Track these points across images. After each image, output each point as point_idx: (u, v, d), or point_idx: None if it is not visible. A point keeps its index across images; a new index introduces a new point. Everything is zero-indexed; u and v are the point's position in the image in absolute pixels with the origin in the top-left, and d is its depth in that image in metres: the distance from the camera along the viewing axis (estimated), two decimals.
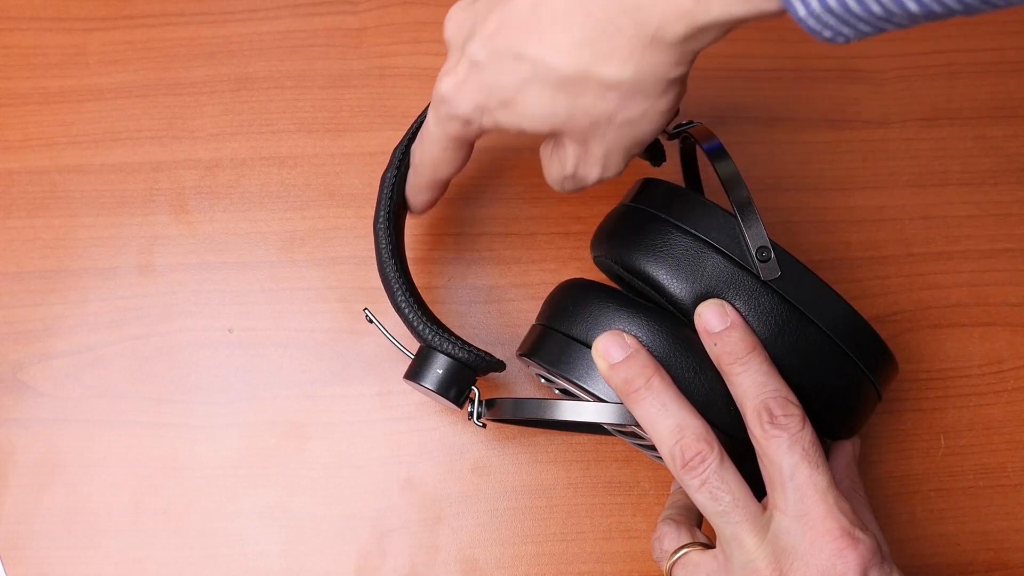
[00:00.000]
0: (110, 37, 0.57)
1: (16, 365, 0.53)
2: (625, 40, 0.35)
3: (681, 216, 0.42)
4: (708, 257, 0.41)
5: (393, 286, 0.45)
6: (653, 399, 0.39)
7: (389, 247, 0.45)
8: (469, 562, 0.51)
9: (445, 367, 0.45)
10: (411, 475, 0.52)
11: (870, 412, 0.44)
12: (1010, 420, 0.53)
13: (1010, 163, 0.56)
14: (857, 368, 0.41)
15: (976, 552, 0.51)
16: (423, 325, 0.45)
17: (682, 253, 0.41)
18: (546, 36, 0.36)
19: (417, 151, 0.45)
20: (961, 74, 0.57)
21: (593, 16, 0.35)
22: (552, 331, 0.44)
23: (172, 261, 0.54)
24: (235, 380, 0.53)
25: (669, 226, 0.42)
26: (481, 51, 0.38)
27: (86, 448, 0.52)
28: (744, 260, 0.41)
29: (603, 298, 0.42)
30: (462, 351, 0.44)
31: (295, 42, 0.57)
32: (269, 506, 0.52)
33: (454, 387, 0.45)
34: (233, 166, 0.55)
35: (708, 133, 0.44)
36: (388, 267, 0.45)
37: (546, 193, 0.55)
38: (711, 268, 0.41)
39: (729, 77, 0.57)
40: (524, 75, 0.37)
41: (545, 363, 0.43)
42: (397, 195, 0.46)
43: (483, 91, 0.39)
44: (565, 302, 0.44)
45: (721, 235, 0.41)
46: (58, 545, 0.51)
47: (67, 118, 0.56)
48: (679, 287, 0.41)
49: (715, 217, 0.41)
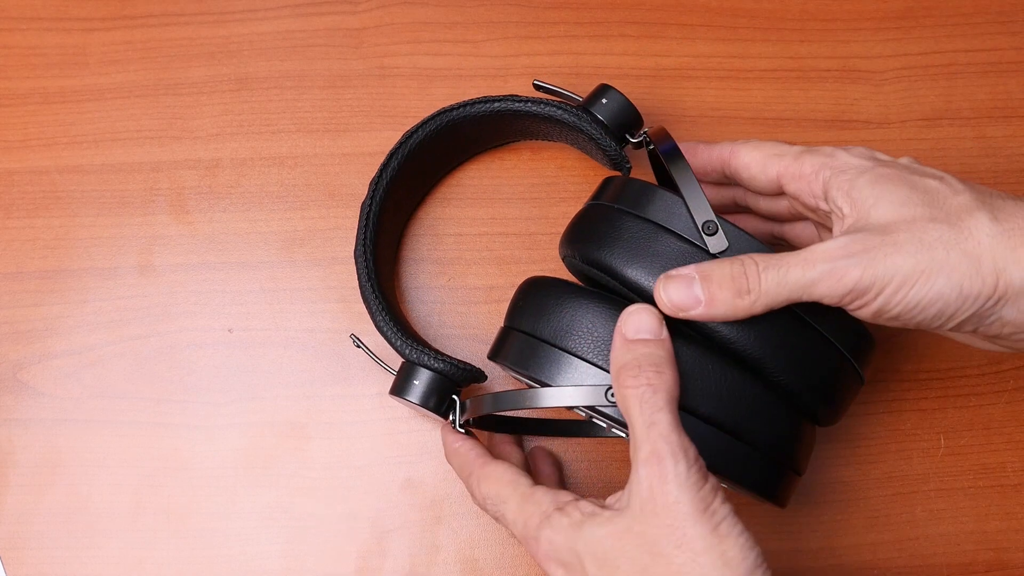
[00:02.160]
0: (110, 37, 0.57)
1: (16, 365, 0.53)
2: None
3: (629, 202, 0.43)
4: (658, 237, 0.41)
5: (373, 307, 0.48)
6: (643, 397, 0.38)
7: (366, 272, 0.48)
8: (469, 562, 0.51)
9: (425, 380, 0.46)
10: (411, 475, 0.52)
11: (853, 395, 0.44)
12: (1010, 420, 0.53)
13: (1010, 163, 0.56)
14: (833, 347, 0.41)
15: (976, 552, 0.51)
16: (401, 341, 0.47)
17: (631, 236, 0.42)
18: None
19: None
20: (961, 74, 0.57)
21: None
22: (513, 331, 0.44)
23: (172, 261, 0.54)
24: (235, 380, 0.53)
25: (620, 214, 0.43)
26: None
27: (86, 448, 0.52)
28: (693, 237, 0.41)
29: (556, 291, 0.42)
30: (439, 363, 0.46)
31: (295, 42, 0.57)
32: (269, 506, 0.52)
33: (434, 397, 0.47)
34: (233, 166, 0.55)
35: (662, 134, 0.45)
36: (367, 290, 0.48)
37: (546, 193, 0.55)
38: (661, 247, 0.41)
39: (729, 77, 0.57)
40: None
41: (509, 363, 0.44)
42: (373, 223, 0.49)
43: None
44: (522, 300, 0.44)
45: (668, 215, 0.41)
46: (58, 545, 0.51)
47: (67, 118, 0.56)
48: (631, 268, 0.41)
49: (661, 199, 0.42)
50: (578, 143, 0.52)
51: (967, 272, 0.37)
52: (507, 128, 0.52)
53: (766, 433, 0.41)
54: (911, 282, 0.37)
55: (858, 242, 0.38)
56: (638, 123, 0.49)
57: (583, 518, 0.38)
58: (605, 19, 0.57)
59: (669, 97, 0.56)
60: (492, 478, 0.43)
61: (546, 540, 0.39)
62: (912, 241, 0.37)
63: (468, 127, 0.51)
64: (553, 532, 0.39)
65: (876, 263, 0.37)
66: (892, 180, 0.39)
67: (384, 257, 0.51)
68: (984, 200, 0.39)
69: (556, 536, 0.39)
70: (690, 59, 0.57)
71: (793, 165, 0.43)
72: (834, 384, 0.42)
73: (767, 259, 0.39)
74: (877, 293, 0.37)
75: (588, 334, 0.41)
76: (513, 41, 0.57)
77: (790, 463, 0.42)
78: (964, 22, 0.58)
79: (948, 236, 0.37)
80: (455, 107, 0.50)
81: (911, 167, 0.41)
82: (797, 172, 0.42)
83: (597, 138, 0.48)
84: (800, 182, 0.42)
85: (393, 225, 0.52)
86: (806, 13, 0.58)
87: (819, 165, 0.42)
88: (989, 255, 0.37)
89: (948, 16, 0.58)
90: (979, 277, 0.37)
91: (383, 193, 0.49)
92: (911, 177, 0.40)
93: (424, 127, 0.50)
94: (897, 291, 0.37)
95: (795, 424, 0.42)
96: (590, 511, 0.39)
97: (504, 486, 0.42)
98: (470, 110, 0.50)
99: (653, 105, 0.56)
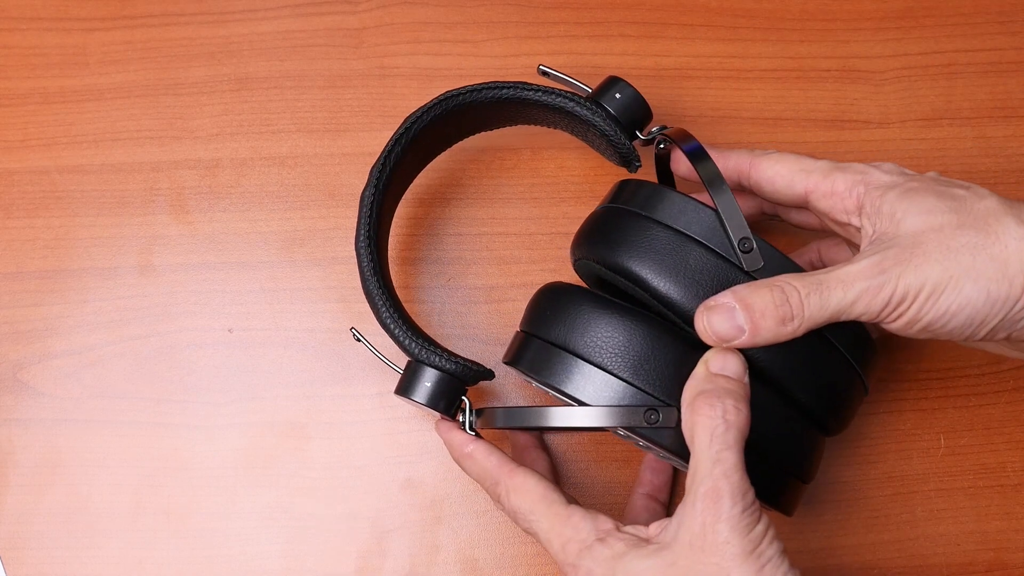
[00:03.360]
0: (110, 37, 0.57)
1: (16, 365, 0.53)
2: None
3: (661, 212, 0.42)
4: (691, 250, 0.41)
5: (377, 303, 0.45)
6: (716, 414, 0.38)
7: (371, 265, 0.45)
8: (469, 562, 0.51)
9: (434, 380, 0.44)
10: (411, 475, 0.52)
11: (859, 404, 0.44)
12: (1010, 420, 0.53)
13: (1010, 163, 0.56)
14: (843, 358, 0.41)
15: (976, 552, 0.51)
16: (409, 340, 0.44)
17: (664, 247, 0.41)
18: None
19: None
20: (961, 74, 0.57)
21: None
22: (532, 337, 0.43)
23: (172, 261, 0.54)
24: (235, 380, 0.53)
25: (649, 222, 0.42)
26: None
27: (86, 448, 0.52)
28: (727, 252, 0.40)
29: (580, 300, 0.42)
30: (449, 363, 0.44)
31: (295, 42, 0.57)
32: (269, 506, 0.52)
33: (443, 399, 0.44)
34: (233, 166, 0.55)
35: (685, 134, 0.44)
36: (371, 284, 0.45)
37: (546, 193, 0.55)
38: (694, 261, 0.40)
39: (729, 77, 0.57)
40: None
41: (527, 370, 0.43)
42: (376, 213, 0.46)
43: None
44: (543, 307, 0.44)
45: (702, 228, 0.41)
46: (58, 545, 0.51)
47: (67, 118, 0.56)
48: (663, 282, 0.41)
49: (695, 211, 0.41)
50: (584, 135, 0.50)
51: (994, 276, 0.37)
52: (511, 114, 0.51)
53: (778, 444, 0.41)
54: (940, 289, 0.37)
55: (890, 258, 0.38)
56: (648, 118, 0.48)
57: (626, 549, 0.38)
58: (605, 19, 0.57)
59: (669, 97, 0.56)
60: (522, 491, 0.42)
61: (585, 571, 0.39)
62: (940, 249, 0.37)
63: (473, 113, 0.49)
64: (594, 563, 0.38)
65: (907, 275, 0.37)
66: (920, 192, 0.40)
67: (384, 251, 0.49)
68: (1011, 205, 0.39)
69: (597, 568, 0.38)
70: (690, 59, 0.57)
71: (824, 182, 0.43)
72: (844, 395, 0.42)
73: (806, 283, 0.38)
74: (910, 304, 0.38)
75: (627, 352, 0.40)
76: (513, 41, 0.57)
77: (799, 473, 0.42)
78: (964, 22, 0.58)
79: (975, 241, 0.37)
80: (462, 91, 0.48)
81: (938, 179, 0.41)
82: (829, 189, 0.42)
83: (609, 133, 0.47)
84: (833, 199, 0.42)
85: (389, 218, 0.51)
86: (806, 13, 0.58)
87: (852, 183, 0.42)
88: (1017, 258, 0.37)
89: (948, 16, 0.58)
90: (1006, 280, 0.37)
91: (386, 181, 0.47)
92: (938, 187, 0.40)
93: (430, 111, 0.47)
94: (928, 299, 0.37)
95: (807, 435, 0.42)
96: (633, 542, 0.38)
97: (536, 502, 0.41)
98: (478, 96, 0.48)
99: (653, 105, 0.56)
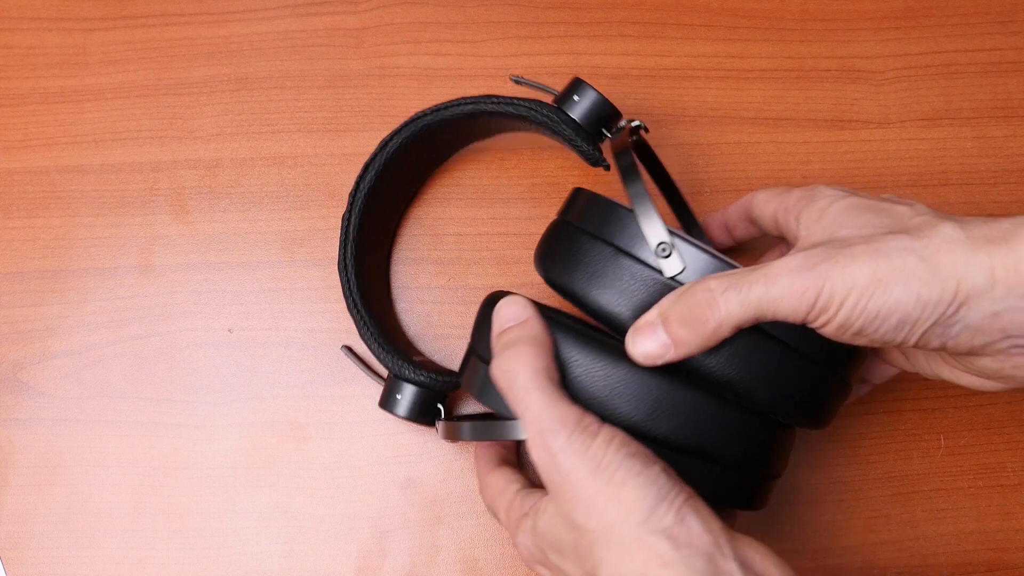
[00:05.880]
0: (110, 37, 0.57)
1: (16, 365, 0.53)
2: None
3: (590, 222, 0.41)
4: (620, 262, 0.40)
5: (356, 321, 0.49)
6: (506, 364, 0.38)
7: (349, 284, 0.49)
8: (469, 562, 0.51)
9: (410, 394, 0.48)
10: (411, 475, 0.52)
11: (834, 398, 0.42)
12: (1010, 420, 0.53)
13: (1010, 163, 0.56)
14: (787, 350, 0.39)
15: (976, 552, 0.51)
16: (385, 355, 0.48)
17: (589, 260, 0.40)
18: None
19: None
20: (961, 74, 0.57)
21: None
22: (469, 351, 0.44)
23: (172, 261, 0.54)
24: (235, 380, 0.53)
25: (580, 234, 0.41)
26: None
27: (86, 448, 0.52)
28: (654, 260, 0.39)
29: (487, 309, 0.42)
30: (423, 376, 0.47)
31: (295, 42, 0.57)
32: (269, 506, 0.52)
33: (418, 410, 0.48)
34: (233, 166, 0.55)
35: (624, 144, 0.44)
36: (350, 302, 0.49)
37: (545, 193, 0.55)
38: (622, 272, 0.40)
39: (729, 77, 0.57)
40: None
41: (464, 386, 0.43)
42: (354, 232, 0.49)
43: None
44: (477, 318, 0.43)
45: (626, 237, 0.40)
46: (58, 545, 0.51)
47: (67, 118, 0.56)
48: (593, 297, 0.40)
49: (619, 219, 0.40)
50: (557, 139, 0.50)
51: (924, 278, 0.36)
52: (488, 126, 0.52)
53: (734, 450, 0.39)
54: (869, 292, 0.36)
55: (817, 255, 0.37)
56: (615, 117, 0.48)
57: (536, 515, 0.39)
58: (605, 19, 0.57)
59: (669, 97, 0.56)
60: (486, 488, 0.44)
61: (521, 546, 0.41)
62: (868, 251, 0.37)
63: (444, 130, 0.50)
64: (523, 536, 0.40)
65: (834, 273, 0.36)
66: (862, 207, 0.40)
67: (374, 263, 0.51)
68: (953, 217, 0.38)
69: (525, 539, 0.40)
70: (690, 59, 0.57)
71: (781, 199, 0.44)
72: (808, 394, 0.40)
73: (724, 281, 0.37)
74: (838, 308, 0.36)
75: None
76: (513, 41, 0.57)
77: (763, 472, 0.41)
78: (964, 22, 0.58)
79: (905, 244, 0.37)
80: (427, 112, 0.49)
81: (888, 198, 0.41)
82: (783, 205, 0.43)
83: (571, 138, 0.47)
84: (787, 214, 0.43)
85: (384, 227, 0.52)
86: (806, 13, 0.58)
87: (800, 196, 0.42)
88: (948, 259, 0.36)
89: (948, 16, 0.58)
90: (937, 282, 0.36)
91: (362, 204, 0.49)
92: (882, 205, 0.40)
93: (399, 134, 0.49)
94: (857, 303, 0.36)
95: (766, 436, 0.40)
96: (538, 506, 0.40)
97: (496, 496, 0.43)
98: (444, 114, 0.49)
99: (653, 105, 0.56)
